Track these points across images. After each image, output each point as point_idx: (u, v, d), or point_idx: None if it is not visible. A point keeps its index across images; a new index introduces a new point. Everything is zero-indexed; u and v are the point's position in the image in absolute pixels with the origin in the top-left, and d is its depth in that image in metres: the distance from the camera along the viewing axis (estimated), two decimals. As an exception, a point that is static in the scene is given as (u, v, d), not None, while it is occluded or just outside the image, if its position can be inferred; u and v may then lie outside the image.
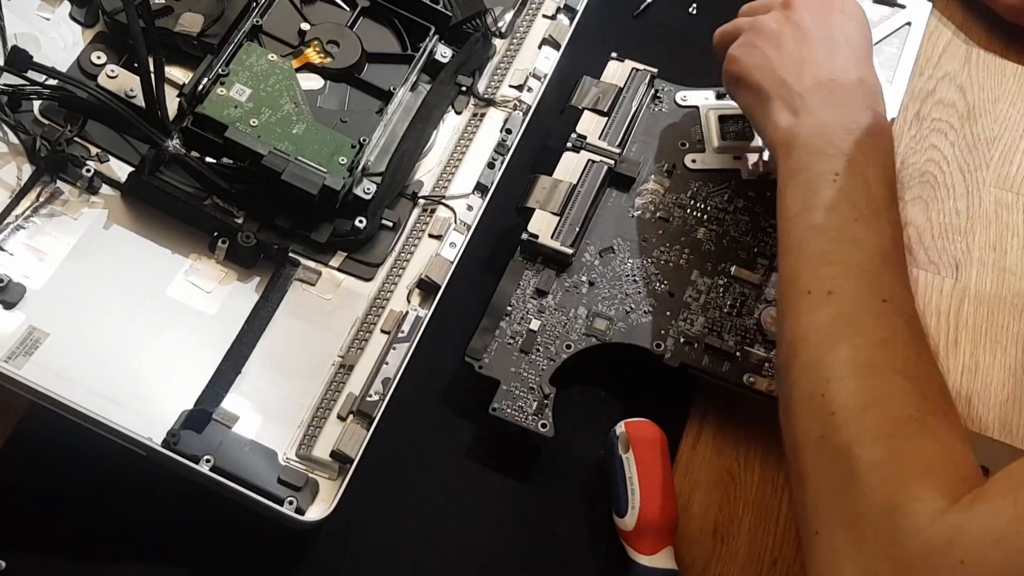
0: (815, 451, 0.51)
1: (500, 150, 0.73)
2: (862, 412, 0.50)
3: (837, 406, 0.50)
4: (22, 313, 0.62)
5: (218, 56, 0.69)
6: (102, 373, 0.61)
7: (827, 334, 0.53)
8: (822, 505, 0.50)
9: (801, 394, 0.53)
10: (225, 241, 0.66)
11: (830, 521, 0.49)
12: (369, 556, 0.62)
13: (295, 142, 0.67)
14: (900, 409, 0.50)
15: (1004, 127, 0.80)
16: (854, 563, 0.47)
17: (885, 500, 0.47)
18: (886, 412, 0.50)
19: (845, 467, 0.49)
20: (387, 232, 0.70)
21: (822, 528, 0.49)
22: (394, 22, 0.74)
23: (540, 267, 0.68)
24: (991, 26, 0.84)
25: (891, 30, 0.76)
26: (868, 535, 0.47)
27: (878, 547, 0.46)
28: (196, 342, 0.64)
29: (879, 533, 0.46)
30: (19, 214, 0.65)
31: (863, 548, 0.47)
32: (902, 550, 0.45)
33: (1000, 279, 0.74)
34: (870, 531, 0.47)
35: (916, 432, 0.49)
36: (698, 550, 0.63)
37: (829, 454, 0.50)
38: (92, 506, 0.61)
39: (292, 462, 0.62)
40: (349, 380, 0.64)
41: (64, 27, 0.71)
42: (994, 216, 0.76)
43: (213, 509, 0.60)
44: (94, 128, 0.68)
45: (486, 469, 0.65)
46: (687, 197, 0.71)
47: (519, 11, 0.79)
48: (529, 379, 0.64)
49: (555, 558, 0.62)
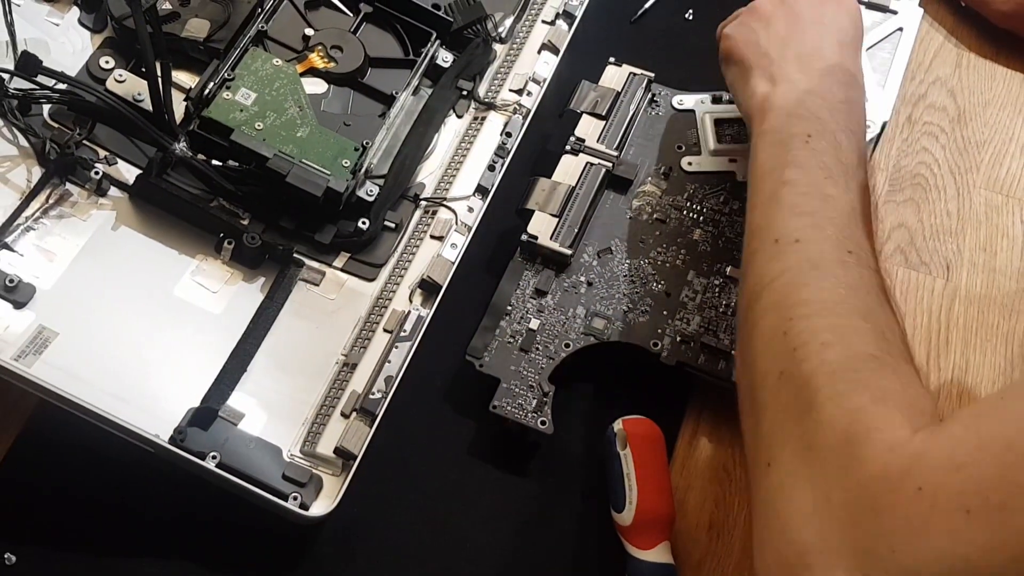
0: (774, 386, 0.50)
1: (500, 153, 0.73)
2: (824, 347, 0.49)
3: (799, 342, 0.50)
4: (32, 313, 0.62)
5: (224, 61, 0.69)
6: (110, 371, 0.61)
7: (792, 278, 0.53)
8: (777, 436, 0.48)
9: (763, 333, 0.52)
10: (231, 242, 0.66)
11: (785, 450, 0.47)
12: (372, 551, 0.62)
13: (299, 145, 0.67)
14: (862, 347, 0.49)
15: (994, 130, 0.80)
16: (807, 490, 0.45)
17: (843, 430, 0.45)
18: (848, 348, 0.49)
19: (804, 398, 0.48)
20: (389, 233, 0.70)
21: (775, 459, 0.48)
22: (396, 28, 0.74)
23: (539, 267, 0.68)
24: (981, 31, 0.84)
25: (883, 35, 0.76)
26: (823, 463, 0.45)
27: (833, 474, 0.45)
28: (202, 341, 0.64)
29: (835, 461, 0.45)
30: (29, 216, 0.65)
31: (817, 476, 0.45)
32: (857, 477, 0.44)
33: (990, 279, 0.74)
34: (826, 459, 0.45)
35: (877, 368, 0.48)
36: (694, 545, 0.63)
37: (788, 387, 0.49)
38: (99, 502, 0.61)
39: (296, 459, 0.62)
40: (352, 378, 0.64)
41: (73, 32, 0.71)
42: (984, 218, 0.76)
43: (219, 505, 0.60)
44: (102, 131, 0.68)
45: (486, 465, 0.65)
46: (683, 199, 0.71)
47: (519, 17, 0.79)
48: (529, 377, 0.64)
49: (554, 552, 0.62)
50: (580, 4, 0.80)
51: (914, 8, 0.77)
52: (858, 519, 0.43)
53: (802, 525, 0.45)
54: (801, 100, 0.60)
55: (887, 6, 0.77)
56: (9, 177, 0.66)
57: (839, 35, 0.65)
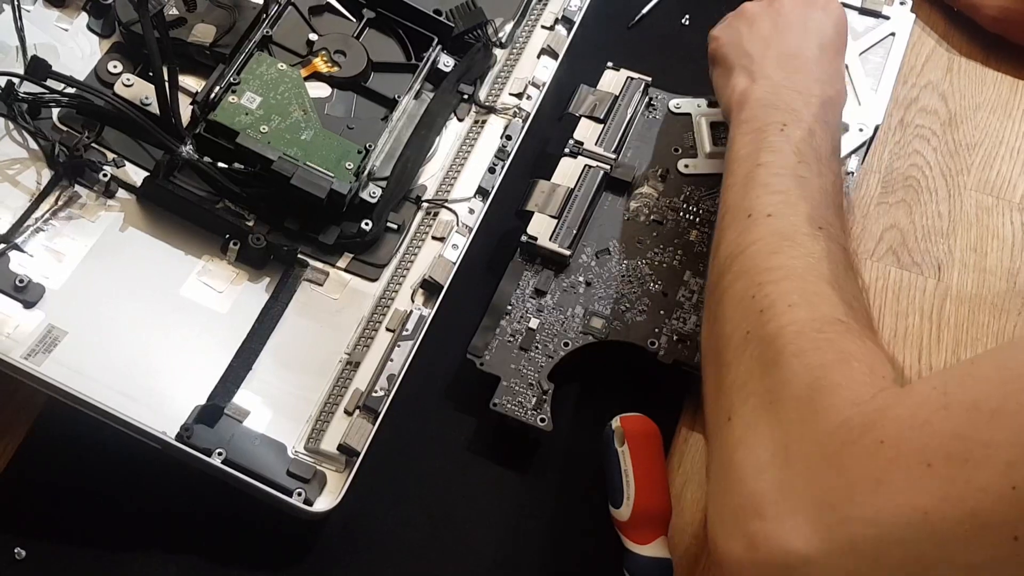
0: (739, 345, 0.50)
1: (500, 155, 0.73)
2: (791, 308, 0.49)
3: (766, 304, 0.50)
4: (41, 312, 0.62)
5: (230, 65, 0.69)
6: (118, 370, 0.61)
7: (763, 246, 0.53)
8: (740, 391, 0.48)
9: (732, 298, 0.52)
10: (236, 243, 0.66)
11: (747, 404, 0.47)
12: (374, 545, 0.62)
13: (304, 148, 0.67)
14: (828, 311, 0.49)
15: (984, 134, 0.80)
16: (766, 441, 0.45)
17: (807, 384, 0.45)
18: (814, 311, 0.49)
19: (769, 355, 0.47)
20: (392, 234, 0.70)
21: (736, 412, 0.47)
22: (399, 33, 0.74)
23: (539, 268, 0.68)
24: (972, 36, 0.84)
25: (876, 40, 0.76)
26: (785, 415, 0.45)
27: (794, 426, 0.44)
28: (208, 340, 0.64)
29: (797, 413, 0.45)
30: (39, 217, 0.65)
31: (777, 427, 0.45)
32: (818, 428, 0.43)
33: (981, 279, 0.74)
34: (788, 412, 0.45)
35: (842, 332, 0.48)
36: (690, 539, 0.63)
37: (754, 344, 0.49)
38: (108, 497, 0.61)
39: (301, 455, 0.62)
40: (355, 376, 0.64)
41: (82, 37, 0.71)
42: (975, 219, 0.76)
43: (224, 501, 0.60)
44: (110, 134, 0.69)
45: (487, 462, 0.65)
46: (680, 201, 0.71)
47: (519, 22, 0.79)
48: (528, 376, 0.64)
49: (553, 547, 0.62)
50: (579, 9, 0.80)
51: (906, 13, 0.77)
52: (817, 470, 0.42)
53: (758, 474, 0.44)
54: (777, 92, 0.61)
55: (879, 11, 0.77)
56: (19, 179, 0.66)
57: (821, 38, 0.65)
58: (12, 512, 0.61)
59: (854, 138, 0.73)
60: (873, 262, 0.74)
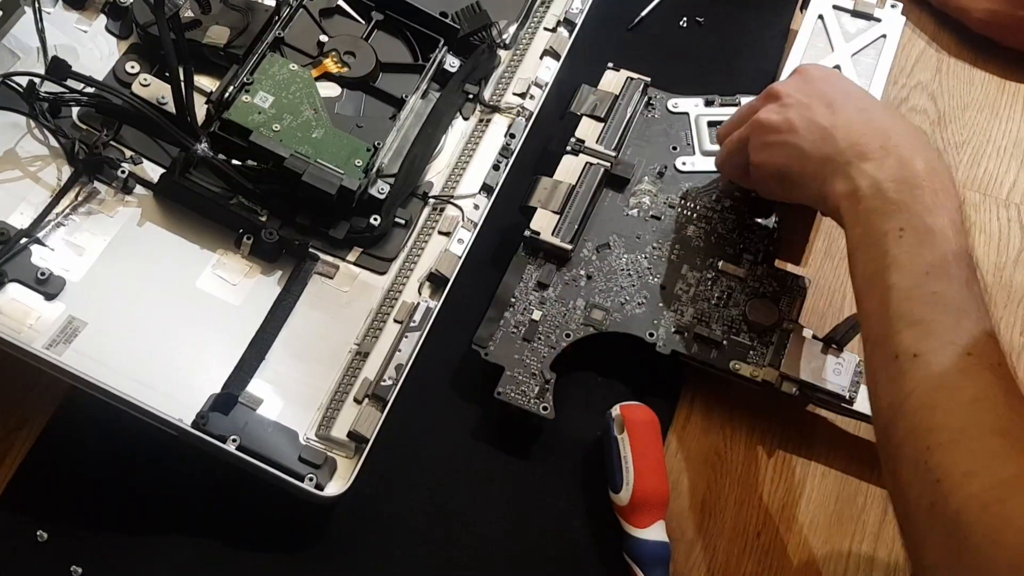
0: (927, 520, 0.48)
1: (504, 153, 0.73)
2: (966, 479, 0.47)
3: (941, 473, 0.47)
4: (62, 304, 0.62)
5: (243, 66, 0.69)
6: (136, 359, 0.62)
7: (920, 401, 0.50)
8: (942, 572, 0.47)
9: (906, 462, 0.50)
10: (250, 237, 0.67)
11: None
12: (383, 529, 0.62)
13: (314, 146, 0.67)
14: (1002, 471, 0.46)
15: (972, 132, 0.80)
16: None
17: (1006, 568, 0.44)
18: (989, 476, 0.46)
19: (959, 536, 0.46)
20: (400, 229, 0.70)
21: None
22: (406, 34, 0.74)
23: (541, 262, 0.68)
24: (961, 38, 0.84)
25: (867, 42, 0.76)
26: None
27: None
28: (223, 331, 0.64)
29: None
30: (59, 212, 0.65)
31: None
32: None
33: (968, 273, 0.73)
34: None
35: (1021, 492, 0.46)
36: (688, 523, 0.63)
37: (940, 524, 0.47)
38: (126, 482, 0.62)
39: (312, 442, 0.62)
40: (365, 366, 0.64)
41: (100, 39, 0.71)
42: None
43: (238, 485, 0.60)
44: (128, 132, 0.69)
45: (492, 448, 0.65)
46: (677, 197, 0.71)
47: (522, 24, 0.79)
48: (531, 365, 0.64)
49: (555, 531, 0.63)
50: (580, 12, 0.80)
51: (897, 16, 0.77)
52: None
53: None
54: (881, 190, 0.56)
55: (871, 14, 0.77)
56: (40, 176, 0.66)
57: (865, 101, 0.61)
58: (35, 496, 0.61)
59: (846, 136, 0.72)
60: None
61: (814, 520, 0.63)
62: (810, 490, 0.64)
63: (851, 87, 0.63)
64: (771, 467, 0.65)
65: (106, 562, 0.59)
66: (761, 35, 0.83)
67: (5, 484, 0.61)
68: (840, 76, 0.64)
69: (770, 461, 0.65)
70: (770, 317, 0.66)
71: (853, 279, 0.57)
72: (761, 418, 0.67)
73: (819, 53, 0.76)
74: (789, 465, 0.65)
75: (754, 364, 0.64)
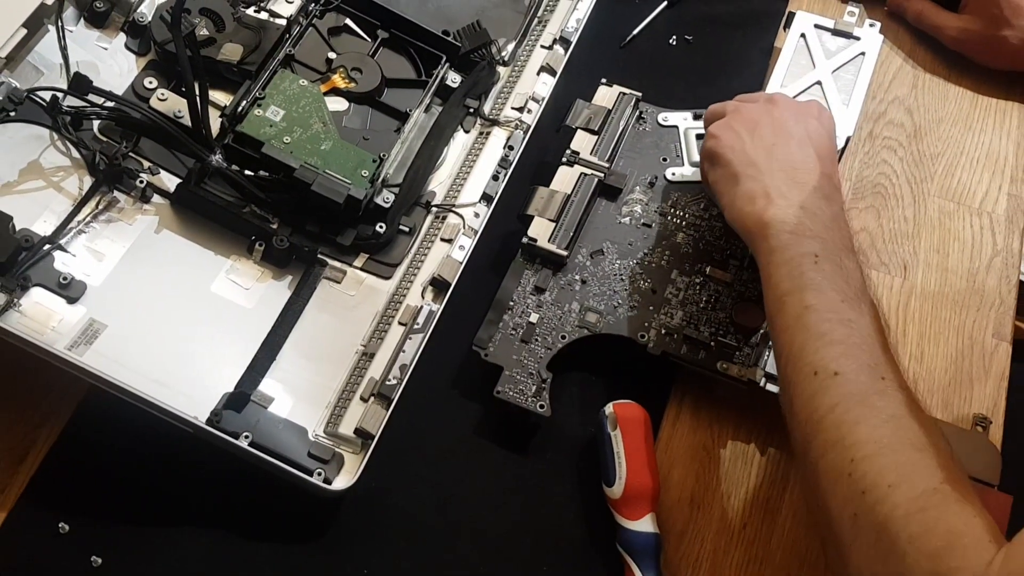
0: (851, 527, 0.49)
1: (503, 164, 0.73)
2: (891, 490, 0.48)
3: (866, 485, 0.48)
4: (83, 307, 0.62)
5: (255, 81, 0.69)
6: (153, 360, 0.61)
7: (842, 415, 0.51)
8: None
9: (828, 472, 0.50)
10: (262, 244, 0.66)
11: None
12: (388, 521, 0.62)
13: (323, 157, 0.67)
14: (923, 483, 0.48)
15: (947, 144, 0.80)
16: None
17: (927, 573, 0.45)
18: (912, 488, 0.48)
19: (884, 544, 0.47)
20: (404, 236, 0.70)
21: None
22: (410, 52, 0.74)
23: (538, 267, 0.68)
24: (936, 55, 0.84)
25: (847, 59, 0.76)
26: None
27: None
28: (236, 333, 0.64)
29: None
30: (81, 220, 0.65)
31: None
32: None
33: (943, 278, 0.74)
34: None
35: (941, 503, 0.47)
36: (677, 516, 0.63)
37: (866, 531, 0.48)
38: (144, 477, 0.61)
39: (320, 438, 0.62)
40: (370, 366, 0.64)
41: (120, 56, 0.71)
42: (938, 223, 0.76)
43: (250, 480, 0.60)
44: (146, 144, 0.68)
45: (491, 444, 0.65)
46: (668, 206, 0.71)
47: (520, 42, 0.79)
48: (529, 365, 0.64)
49: (551, 522, 0.62)
50: (575, 30, 0.80)
51: (875, 34, 0.77)
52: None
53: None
54: (799, 218, 0.58)
55: (851, 33, 0.77)
56: (63, 186, 0.66)
57: (819, 148, 0.63)
58: (57, 489, 0.61)
59: (827, 148, 0.73)
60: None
61: (797, 512, 0.63)
62: (793, 484, 0.64)
63: (825, 141, 0.64)
64: (756, 462, 0.65)
65: (124, 553, 0.59)
66: (747, 52, 0.83)
67: (29, 478, 0.61)
68: (830, 129, 0.65)
69: (755, 457, 0.65)
70: (756, 320, 0.66)
71: (766, 292, 0.58)
72: (747, 416, 0.66)
73: (801, 70, 0.76)
74: (773, 460, 0.65)
75: (740, 364, 0.64)
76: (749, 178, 0.61)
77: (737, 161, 0.62)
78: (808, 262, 0.56)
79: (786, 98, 0.66)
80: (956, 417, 0.68)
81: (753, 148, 0.62)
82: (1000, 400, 0.68)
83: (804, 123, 0.64)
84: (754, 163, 0.62)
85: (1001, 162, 0.79)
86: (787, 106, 0.65)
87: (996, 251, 0.75)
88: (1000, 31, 0.79)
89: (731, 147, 0.63)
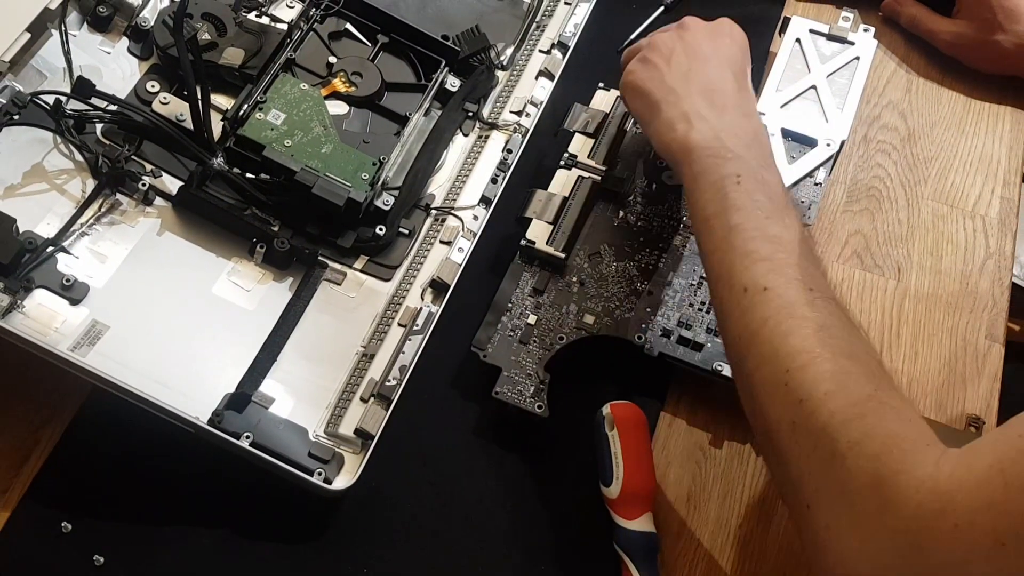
0: (789, 435, 0.49)
1: (502, 167, 0.74)
2: (827, 397, 0.48)
3: (802, 394, 0.48)
4: (86, 308, 0.62)
5: (257, 85, 0.69)
6: (155, 360, 0.61)
7: (773, 328, 0.51)
8: (808, 483, 0.48)
9: (764, 384, 0.51)
10: (263, 246, 0.66)
11: (820, 497, 0.47)
12: (388, 520, 0.62)
13: (324, 160, 0.68)
14: (859, 390, 0.48)
15: (940, 148, 0.80)
16: (852, 531, 0.45)
17: (870, 476, 0.45)
18: (848, 395, 0.48)
19: (825, 450, 0.47)
20: (403, 238, 0.70)
21: (813, 503, 0.47)
22: (410, 56, 0.75)
23: (537, 269, 0.68)
24: (929, 60, 0.84)
25: (842, 64, 0.76)
26: (861, 507, 0.45)
27: (872, 517, 0.44)
28: (237, 334, 0.64)
29: (871, 505, 0.45)
30: (83, 222, 0.65)
31: (858, 519, 0.45)
32: (897, 519, 0.44)
33: (936, 280, 0.74)
34: (862, 504, 0.45)
35: (878, 409, 0.47)
36: (674, 515, 0.63)
37: (805, 438, 0.48)
38: (146, 477, 0.61)
39: (321, 438, 0.62)
40: (370, 367, 0.64)
41: (123, 60, 0.71)
42: (931, 225, 0.76)
43: (251, 480, 0.60)
44: (149, 148, 0.68)
45: (489, 445, 0.65)
46: (664, 208, 0.71)
47: (518, 46, 0.79)
48: (527, 367, 0.64)
49: (549, 522, 0.62)
50: (573, 35, 0.80)
51: (869, 39, 0.77)
52: (905, 556, 0.43)
53: (857, 560, 0.45)
54: (719, 138, 0.58)
55: (846, 38, 0.77)
56: (66, 188, 0.66)
57: (733, 67, 0.63)
58: (60, 489, 0.61)
59: (822, 152, 0.73)
60: (839, 264, 0.74)
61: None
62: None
63: (738, 56, 0.65)
64: (752, 462, 0.65)
65: (126, 552, 0.59)
66: (742, 57, 0.83)
67: (32, 478, 0.61)
68: (742, 44, 0.66)
69: (751, 457, 0.65)
70: (751, 321, 0.66)
71: (693, 216, 0.59)
72: (743, 416, 0.66)
73: (796, 74, 0.76)
74: (769, 460, 0.65)
75: (736, 365, 0.64)
76: (670, 104, 0.62)
77: (656, 90, 0.63)
78: (731, 183, 0.56)
79: (696, 21, 0.66)
80: (949, 418, 0.68)
81: (671, 75, 0.63)
82: (993, 401, 0.68)
83: (717, 43, 0.64)
84: (673, 89, 0.62)
85: (994, 166, 0.79)
86: (698, 29, 0.65)
87: (989, 253, 0.75)
88: (993, 36, 0.80)
89: (649, 77, 0.64)
